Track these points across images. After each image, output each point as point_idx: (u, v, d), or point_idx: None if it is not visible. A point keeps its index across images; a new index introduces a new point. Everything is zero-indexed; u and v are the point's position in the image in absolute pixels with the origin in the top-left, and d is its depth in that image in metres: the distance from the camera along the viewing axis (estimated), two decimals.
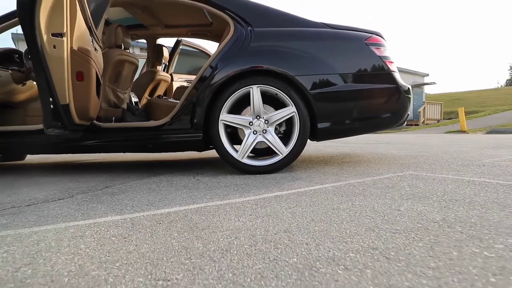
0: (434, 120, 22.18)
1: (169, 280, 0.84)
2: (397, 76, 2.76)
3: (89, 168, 3.40)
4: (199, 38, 4.41)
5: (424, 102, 23.54)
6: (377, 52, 2.70)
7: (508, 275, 0.81)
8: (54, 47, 2.04)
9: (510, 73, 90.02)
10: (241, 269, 0.89)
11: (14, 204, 1.80)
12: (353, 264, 0.90)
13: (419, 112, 21.95)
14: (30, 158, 4.79)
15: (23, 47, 3.02)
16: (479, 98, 35.05)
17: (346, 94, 2.64)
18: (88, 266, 0.94)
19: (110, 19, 3.78)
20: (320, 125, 2.59)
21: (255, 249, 1.02)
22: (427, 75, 25.79)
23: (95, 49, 2.46)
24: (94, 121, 2.68)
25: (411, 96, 2.85)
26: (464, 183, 2.00)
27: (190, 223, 1.32)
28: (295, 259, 0.94)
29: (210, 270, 0.89)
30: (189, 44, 4.87)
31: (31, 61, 2.07)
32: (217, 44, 4.39)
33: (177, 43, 4.74)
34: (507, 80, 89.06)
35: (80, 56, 2.17)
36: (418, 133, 14.26)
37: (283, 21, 2.77)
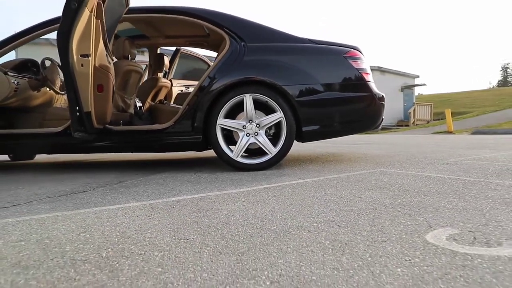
0: (424, 120, 22.73)
1: (187, 239, 1.22)
2: (373, 85, 3.16)
3: (98, 166, 3.77)
4: (196, 47, 4.80)
5: (414, 103, 24.12)
6: (354, 64, 3.10)
7: (416, 234, 1.21)
8: (82, 65, 2.42)
9: (502, 74, 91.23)
10: (237, 232, 1.28)
11: (48, 195, 2.17)
12: (315, 229, 1.29)
13: (410, 113, 22.51)
14: (38, 158, 5.14)
15: (21, 51, 3.40)
16: (469, 99, 35.76)
17: (327, 101, 3.03)
18: (128, 232, 1.33)
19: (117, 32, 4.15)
20: (304, 128, 2.98)
21: (247, 222, 1.42)
22: (418, 76, 26.35)
23: (109, 62, 2.83)
24: (106, 125, 3.05)
25: (385, 103, 3.25)
26: (422, 177, 2.40)
27: (197, 207, 1.71)
28: (275, 227, 1.33)
29: (215, 233, 1.28)
30: (187, 52, 5.24)
31: (63, 76, 2.45)
32: (211, 52, 4.79)
33: (176, 51, 5.12)
34: (499, 81, 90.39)
35: (101, 71, 2.56)
36: (407, 133, 14.75)
37: (272, 37, 3.16)
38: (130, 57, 3.57)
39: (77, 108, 2.50)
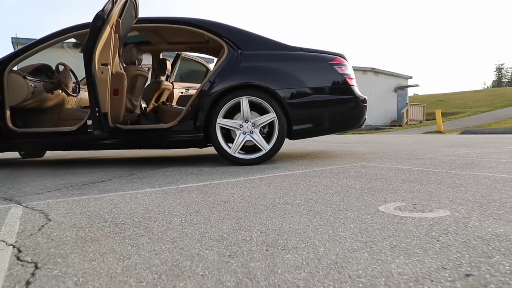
0: (417, 121, 23.21)
1: (198, 211, 1.59)
2: (356, 89, 3.54)
3: (107, 163, 4.12)
4: (196, 52, 5.16)
5: (407, 103, 24.63)
6: (339, 70, 3.47)
7: (372, 206, 1.58)
8: (102, 73, 2.80)
9: (496, 75, 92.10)
10: (236, 207, 1.65)
11: (72, 184, 2.53)
12: (296, 204, 1.66)
13: (403, 113, 23.00)
14: (47, 155, 5.48)
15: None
16: (462, 100, 36.31)
17: (315, 103, 3.41)
18: (150, 207, 1.69)
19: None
20: (294, 127, 3.35)
21: (244, 200, 1.78)
22: (411, 77, 26.88)
23: (121, 68, 3.19)
24: (117, 124, 3.40)
25: (367, 104, 3.63)
26: (395, 169, 2.78)
27: (202, 191, 2.08)
28: (266, 203, 1.70)
29: (219, 207, 1.65)
30: (187, 57, 5.61)
31: (87, 82, 2.82)
32: (210, 56, 5.16)
33: (177, 56, 5.48)
34: (493, 82, 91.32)
35: (117, 78, 2.93)
36: (399, 133, 15.17)
37: (266, 46, 3.53)
38: (137, 63, 3.93)
39: (97, 109, 2.87)
